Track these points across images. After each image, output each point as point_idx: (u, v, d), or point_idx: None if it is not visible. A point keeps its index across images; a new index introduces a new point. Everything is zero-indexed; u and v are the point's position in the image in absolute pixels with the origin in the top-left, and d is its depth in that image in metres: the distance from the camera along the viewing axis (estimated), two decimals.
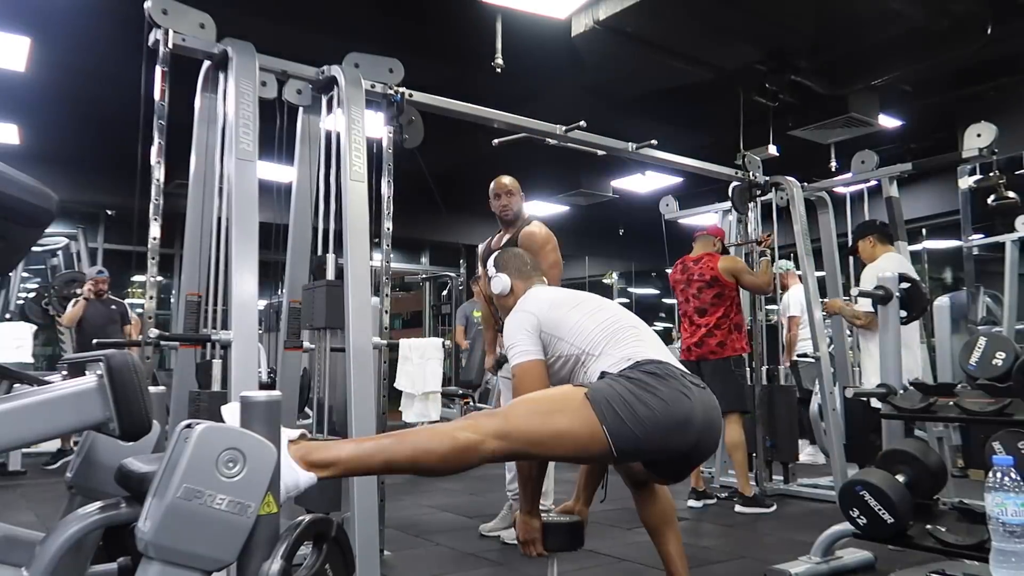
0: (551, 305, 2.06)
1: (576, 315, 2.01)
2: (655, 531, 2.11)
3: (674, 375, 1.82)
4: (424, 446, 1.62)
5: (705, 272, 4.19)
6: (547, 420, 1.72)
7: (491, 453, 1.66)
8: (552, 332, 1.99)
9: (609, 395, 1.74)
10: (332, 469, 1.53)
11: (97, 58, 5.27)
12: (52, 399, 1.23)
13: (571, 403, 1.74)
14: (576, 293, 2.18)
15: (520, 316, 2.06)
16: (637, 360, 1.84)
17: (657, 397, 1.75)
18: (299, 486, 1.46)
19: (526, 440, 1.70)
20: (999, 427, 2.24)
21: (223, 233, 2.70)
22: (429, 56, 5.03)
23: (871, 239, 4.11)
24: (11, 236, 1.20)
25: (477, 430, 1.65)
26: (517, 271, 2.28)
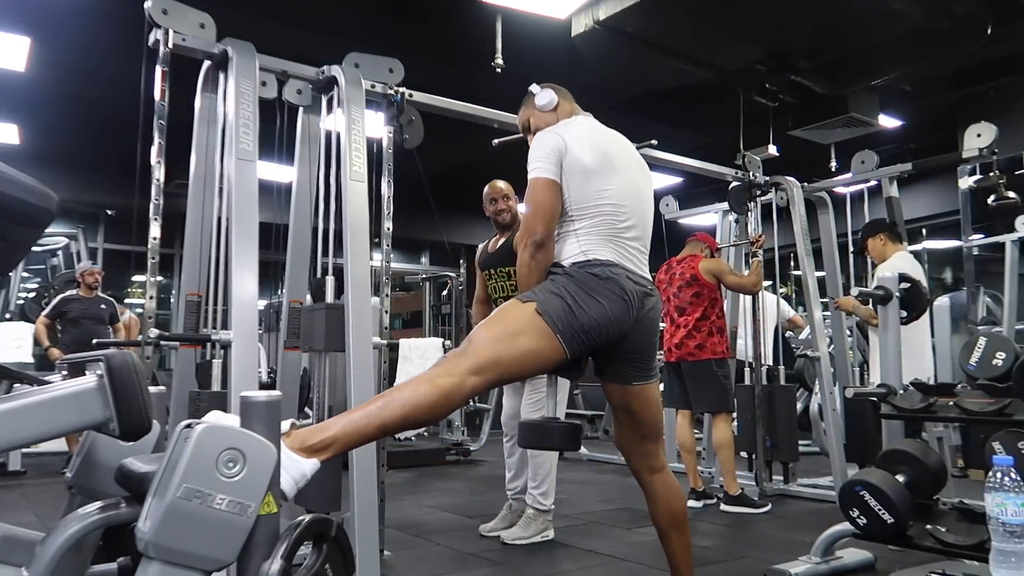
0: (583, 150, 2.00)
1: (595, 180, 2.00)
2: (663, 531, 2.09)
3: (619, 276, 1.93)
4: (412, 401, 1.68)
5: (686, 271, 4.21)
6: (511, 344, 1.82)
7: (472, 388, 1.76)
8: (566, 174, 1.99)
9: (556, 304, 1.86)
10: (331, 449, 1.55)
11: (97, 58, 5.27)
12: (52, 399, 1.22)
13: (527, 322, 1.84)
14: (617, 161, 2.07)
15: (554, 138, 2.02)
16: (589, 259, 1.95)
17: (597, 301, 1.88)
18: (306, 475, 1.48)
19: (499, 367, 1.80)
20: (999, 427, 2.24)
21: (223, 233, 2.70)
22: (429, 56, 5.03)
23: (882, 237, 4.11)
24: (11, 236, 1.20)
25: (453, 371, 1.74)
26: (561, 93, 2.25)
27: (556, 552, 3.21)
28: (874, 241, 4.13)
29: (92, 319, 5.72)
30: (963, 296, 5.60)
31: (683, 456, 4.35)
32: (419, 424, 1.77)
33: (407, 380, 1.82)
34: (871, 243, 4.15)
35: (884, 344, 2.85)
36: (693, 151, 4.57)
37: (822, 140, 6.23)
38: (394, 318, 8.70)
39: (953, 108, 6.41)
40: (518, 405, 3.49)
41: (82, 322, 5.65)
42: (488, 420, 6.74)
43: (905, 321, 2.92)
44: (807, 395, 6.27)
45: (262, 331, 5.03)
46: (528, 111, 2.30)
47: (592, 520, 3.87)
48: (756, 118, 5.77)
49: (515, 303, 1.92)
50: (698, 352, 4.13)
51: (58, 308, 5.69)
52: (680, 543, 2.09)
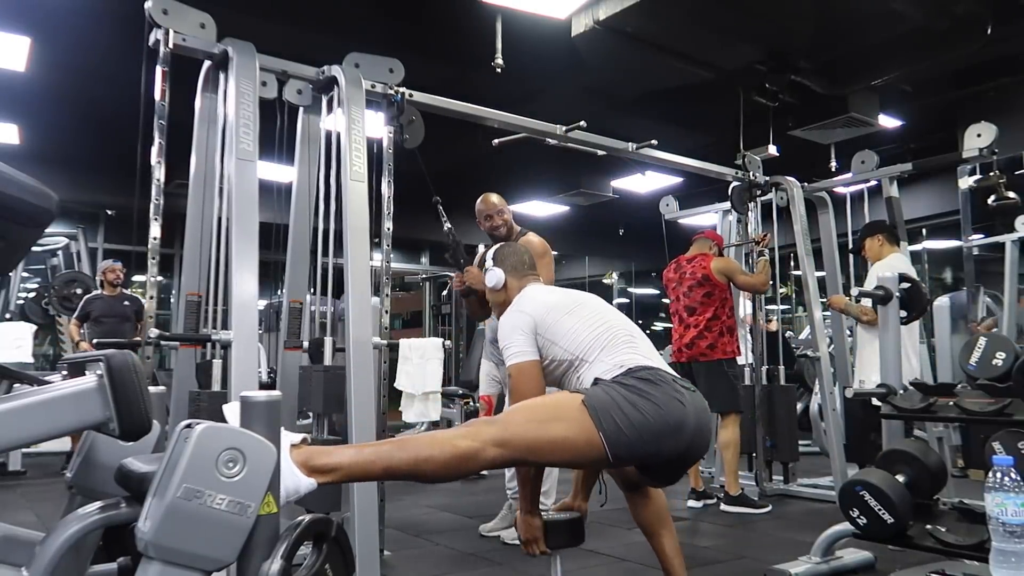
0: (547, 309, 2.06)
1: (571, 321, 2.02)
2: (650, 531, 2.12)
3: (666, 380, 1.85)
4: (425, 453, 1.63)
5: (696, 271, 4.19)
6: (545, 428, 1.74)
7: (490, 460, 1.68)
8: (547, 336, 2.01)
9: (605, 402, 1.77)
10: (333, 475, 1.54)
11: (97, 58, 5.27)
12: (52, 399, 1.23)
13: (568, 410, 1.77)
14: (572, 295, 2.17)
15: (517, 316, 2.06)
16: (630, 367, 1.87)
17: (651, 402, 1.77)
18: (299, 491, 1.48)
19: (524, 447, 1.72)
20: (999, 427, 2.24)
21: (223, 233, 2.70)
22: (429, 56, 5.03)
23: (880, 238, 4.10)
24: (11, 236, 1.20)
25: (476, 438, 1.67)
26: (513, 268, 2.28)
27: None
28: (871, 241, 4.13)
29: (115, 317, 5.73)
30: (963, 296, 5.60)
31: None
32: (425, 479, 1.70)
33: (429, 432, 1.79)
34: (868, 243, 4.15)
35: (884, 344, 2.85)
36: (693, 151, 4.57)
37: (822, 140, 6.23)
38: (394, 318, 8.70)
39: (953, 108, 6.40)
40: None
41: (105, 321, 5.67)
42: None
43: (905, 321, 2.92)
44: (807, 395, 6.27)
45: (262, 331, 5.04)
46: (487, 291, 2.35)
47: (592, 520, 3.84)
48: (756, 118, 5.76)
49: (565, 393, 1.90)
50: (710, 352, 4.12)
51: (84, 308, 5.75)
52: (668, 538, 2.11)
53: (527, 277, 2.28)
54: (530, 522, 2.00)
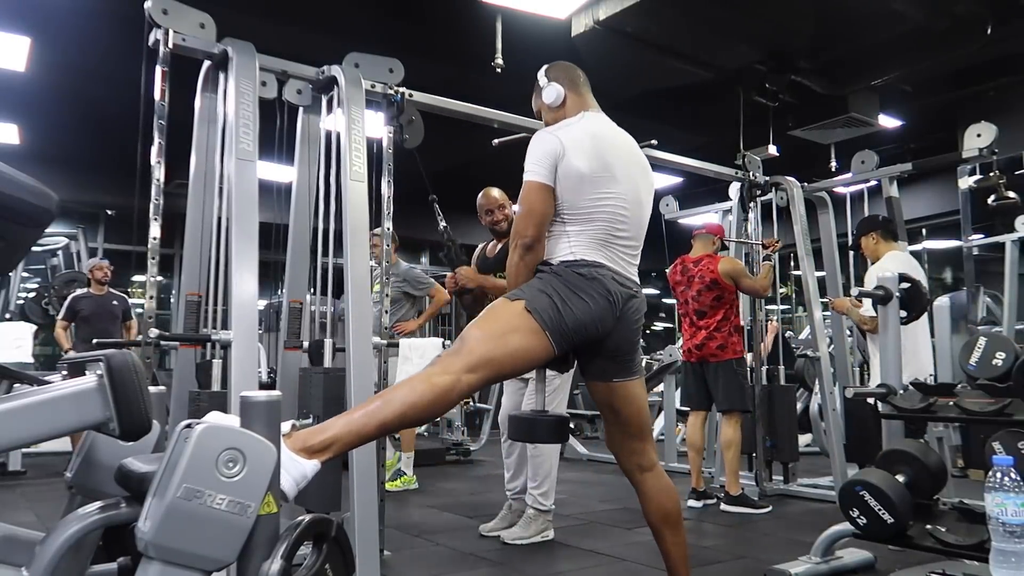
0: (583, 160, 2.00)
1: (586, 187, 2.00)
2: (658, 530, 2.10)
3: (604, 277, 1.96)
4: (410, 399, 1.71)
5: (705, 274, 4.17)
6: (502, 342, 1.86)
7: (468, 386, 1.80)
8: (561, 179, 2.00)
9: (544, 302, 1.90)
10: (332, 449, 1.57)
11: (97, 58, 5.27)
12: (52, 399, 1.22)
13: (516, 319, 1.88)
14: (616, 166, 2.06)
15: (552, 140, 2.02)
16: (576, 259, 1.98)
17: (583, 300, 1.92)
18: (306, 476, 1.50)
19: (491, 365, 1.84)
20: (999, 427, 2.24)
21: (223, 233, 2.70)
22: (429, 56, 5.03)
23: (874, 235, 4.07)
24: (11, 236, 1.20)
25: (449, 370, 1.78)
26: (571, 83, 2.23)
27: (556, 552, 3.21)
28: (866, 240, 4.10)
29: (104, 316, 5.69)
30: (963, 296, 5.60)
31: (690, 455, 4.33)
32: (418, 422, 1.81)
33: (405, 379, 1.83)
34: (864, 242, 4.12)
35: (884, 344, 2.85)
36: (693, 151, 4.57)
37: (822, 140, 6.24)
38: None
39: (953, 108, 6.41)
40: (517, 404, 3.49)
41: (93, 319, 5.63)
42: (488, 420, 6.74)
43: (905, 321, 2.92)
44: (807, 395, 6.27)
45: (262, 331, 5.04)
46: (539, 101, 2.30)
47: (592, 520, 3.87)
48: (756, 118, 5.77)
49: (504, 301, 1.96)
50: (720, 353, 4.13)
51: (71, 307, 5.69)
52: (675, 541, 2.09)
53: (585, 97, 2.24)
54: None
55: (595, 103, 2.26)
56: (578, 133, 2.07)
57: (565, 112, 2.20)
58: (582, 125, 2.11)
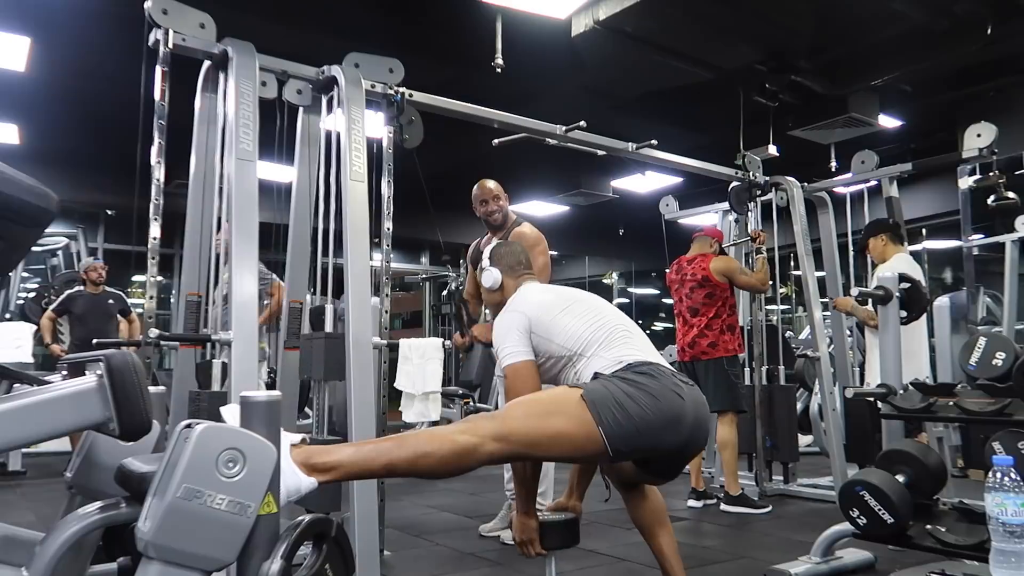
0: (541, 308, 2.06)
1: (566, 318, 2.03)
2: (648, 531, 2.12)
3: (664, 374, 1.87)
4: (424, 449, 1.64)
5: (697, 272, 4.20)
6: (544, 422, 1.75)
7: (489, 455, 1.69)
8: (542, 334, 2.01)
9: (603, 395, 1.78)
10: (333, 473, 1.55)
11: (97, 58, 5.27)
12: (52, 399, 1.23)
13: (567, 404, 1.77)
14: (567, 293, 2.17)
15: (511, 316, 2.06)
16: (628, 362, 1.88)
17: (649, 395, 1.79)
18: (300, 491, 1.48)
19: (524, 442, 1.73)
20: (999, 427, 2.24)
21: (223, 233, 2.70)
22: (429, 56, 5.03)
23: (883, 237, 4.11)
24: (11, 236, 1.20)
25: (476, 433, 1.68)
26: (509, 268, 2.29)
27: (556, 552, 3.20)
28: (875, 241, 4.13)
29: (99, 315, 5.67)
30: (963, 296, 5.60)
31: None
32: (425, 475, 1.71)
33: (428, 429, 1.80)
34: (872, 243, 4.15)
35: (884, 344, 2.85)
36: (693, 151, 4.57)
37: (822, 140, 6.23)
38: (394, 318, 8.70)
39: (953, 108, 6.40)
40: None
41: (89, 318, 5.61)
42: None
43: (905, 321, 2.92)
44: (807, 395, 6.27)
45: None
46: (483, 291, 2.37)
47: (592, 520, 3.87)
48: (756, 118, 5.77)
49: (564, 388, 1.89)
50: (711, 351, 4.13)
51: (65, 304, 5.66)
52: (666, 538, 2.10)
53: (523, 276, 2.28)
54: (526, 523, 2.00)
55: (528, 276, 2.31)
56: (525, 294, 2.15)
57: (503, 294, 2.25)
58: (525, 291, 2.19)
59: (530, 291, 2.19)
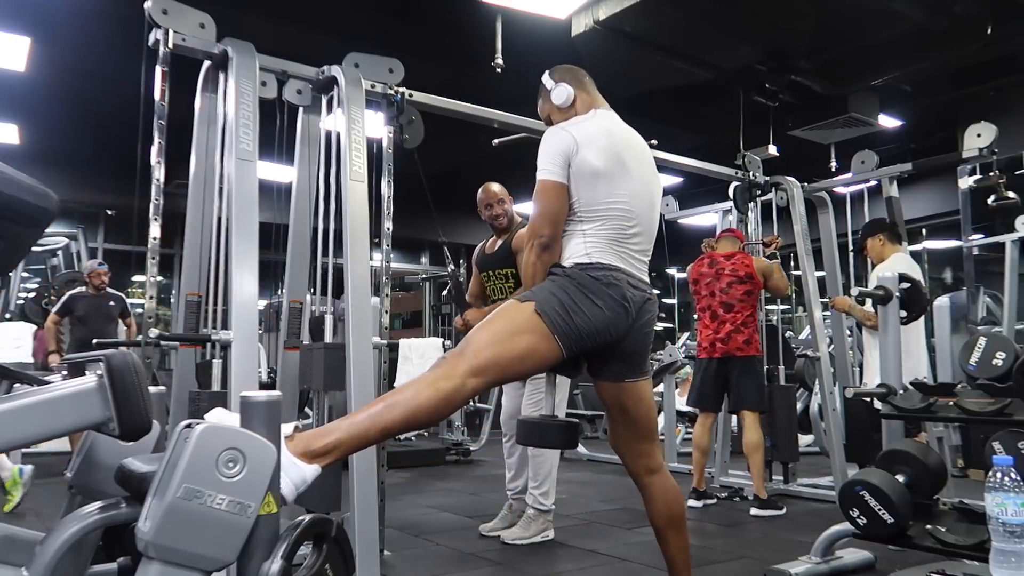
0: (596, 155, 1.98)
1: (600, 182, 1.98)
2: (661, 532, 2.08)
3: (619, 282, 1.93)
4: (413, 404, 1.69)
5: (739, 268, 4.14)
6: (510, 345, 1.83)
7: (473, 389, 1.78)
8: (575, 176, 1.98)
9: (553, 304, 1.87)
10: (334, 453, 1.56)
11: (97, 58, 5.27)
12: (52, 399, 1.23)
13: (525, 322, 1.85)
14: (627, 166, 2.04)
15: (565, 139, 2.00)
16: (591, 262, 1.95)
17: (596, 306, 1.89)
18: (306, 480, 1.48)
19: (496, 368, 1.81)
20: (999, 427, 2.24)
21: (223, 233, 2.70)
22: (429, 56, 5.03)
23: (881, 237, 4.10)
24: (11, 236, 1.20)
25: (454, 375, 1.75)
26: (578, 83, 2.21)
27: (556, 552, 3.21)
28: (873, 241, 4.13)
29: (100, 316, 5.67)
30: (963, 296, 5.60)
31: (695, 456, 4.28)
32: (421, 426, 1.79)
33: (408, 382, 1.82)
34: (870, 243, 4.15)
35: (884, 344, 2.85)
36: (693, 151, 4.57)
37: (822, 140, 6.23)
38: (394, 318, 8.70)
39: (953, 108, 6.40)
40: (518, 405, 3.49)
41: (90, 320, 5.61)
42: (488, 420, 6.74)
43: (905, 321, 2.92)
44: (807, 395, 6.27)
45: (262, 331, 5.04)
46: (547, 105, 2.27)
47: (592, 520, 3.87)
48: (756, 118, 5.77)
49: (514, 303, 1.93)
50: (747, 348, 4.09)
51: (67, 305, 5.66)
52: (678, 544, 2.07)
53: (593, 95, 2.21)
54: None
55: (604, 101, 2.25)
56: (591, 129, 2.05)
57: (576, 111, 2.18)
58: (595, 121, 2.10)
59: (600, 127, 2.07)
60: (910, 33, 4.91)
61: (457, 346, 1.88)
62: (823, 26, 5.00)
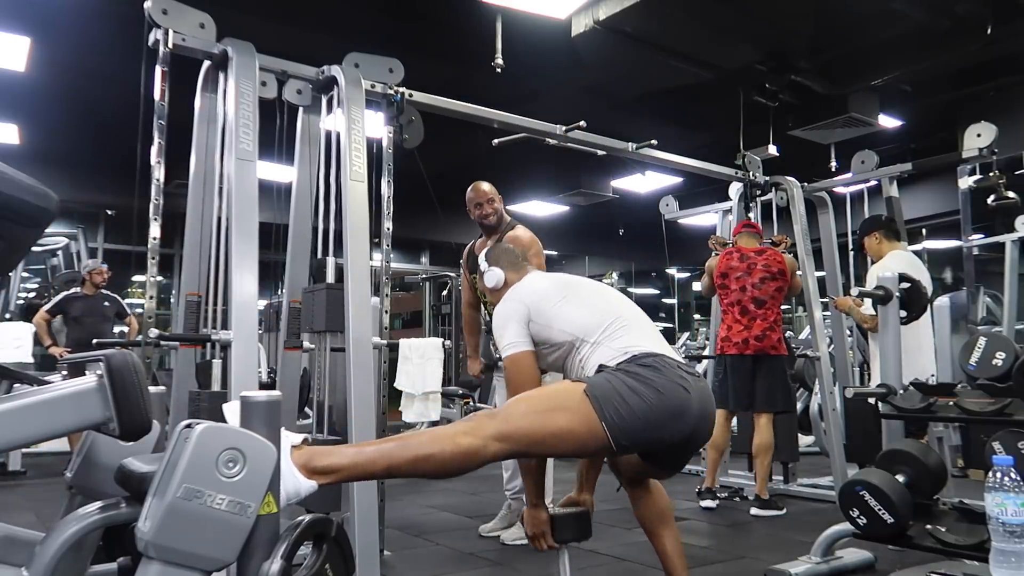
0: (540, 295, 2.03)
1: (567, 306, 2.00)
2: (651, 530, 2.11)
3: (670, 366, 1.84)
4: (426, 451, 1.62)
5: (772, 264, 4.09)
6: (547, 419, 1.73)
7: (493, 455, 1.68)
8: (541, 321, 1.99)
9: (606, 389, 1.76)
10: (334, 476, 1.54)
11: (97, 58, 5.27)
12: (52, 399, 1.23)
13: (570, 400, 1.75)
14: (566, 279, 2.13)
15: (510, 306, 2.04)
16: (633, 353, 1.85)
17: (653, 389, 1.76)
18: (300, 493, 1.48)
19: (527, 440, 1.71)
20: (999, 427, 2.24)
21: (223, 233, 2.70)
22: (429, 56, 5.03)
23: (877, 235, 4.07)
24: (11, 236, 1.20)
25: (478, 434, 1.66)
26: (510, 264, 2.26)
27: (555, 552, 3.20)
28: (870, 240, 4.10)
29: (95, 317, 5.67)
30: (963, 296, 5.60)
31: (711, 456, 4.22)
32: (428, 476, 1.70)
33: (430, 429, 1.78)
34: (867, 242, 4.13)
35: (884, 344, 2.85)
36: (693, 151, 4.57)
37: (822, 140, 6.24)
38: (394, 318, 8.70)
39: (953, 108, 6.41)
40: None
41: (85, 320, 5.60)
42: None
43: (904, 321, 2.92)
44: (807, 395, 6.27)
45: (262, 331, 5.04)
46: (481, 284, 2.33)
47: (592, 519, 3.86)
48: (756, 118, 5.77)
49: (566, 383, 1.88)
50: (780, 347, 4.04)
51: (60, 305, 5.65)
52: (670, 539, 2.09)
53: (524, 269, 2.26)
54: (536, 515, 1.97)
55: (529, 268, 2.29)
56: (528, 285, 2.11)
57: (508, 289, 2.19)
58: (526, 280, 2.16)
59: (529, 280, 2.16)
60: (910, 33, 4.91)
61: (496, 408, 1.84)
62: (823, 26, 5.00)
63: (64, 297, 5.72)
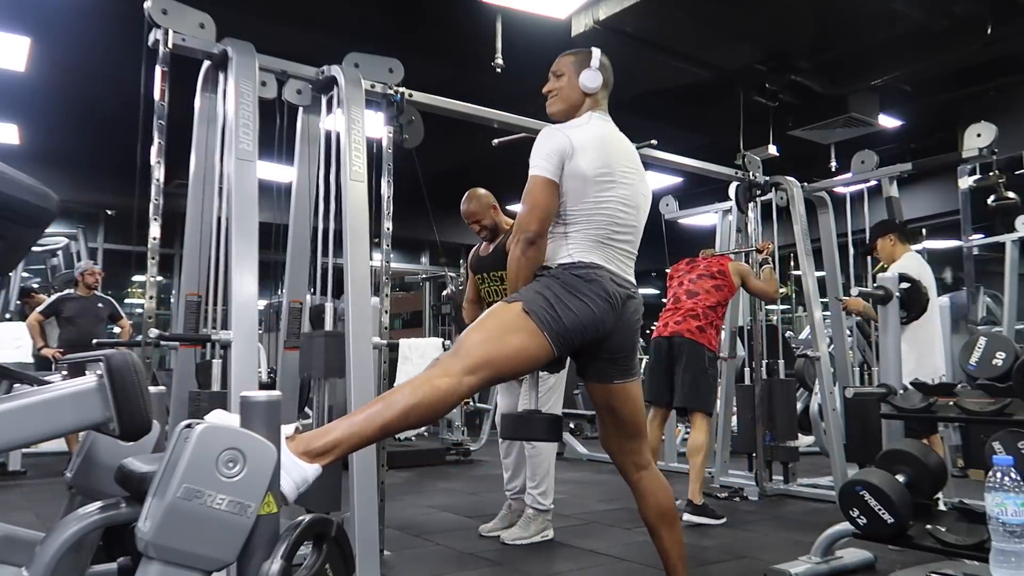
0: (587, 155, 2.02)
1: (594, 192, 2.02)
2: (654, 529, 2.11)
3: (602, 278, 1.97)
4: (412, 402, 1.72)
5: (713, 265, 4.13)
6: (501, 343, 1.87)
7: (469, 387, 1.82)
8: (566, 178, 2.01)
9: (541, 303, 1.91)
10: (334, 452, 1.58)
11: (97, 58, 5.28)
12: (52, 399, 1.23)
13: (515, 321, 1.90)
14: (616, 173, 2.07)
15: (562, 140, 2.03)
16: (575, 261, 1.99)
17: (583, 301, 1.93)
18: (307, 480, 1.50)
19: (491, 367, 1.85)
20: (999, 427, 2.24)
21: (223, 233, 2.70)
22: (429, 56, 5.03)
23: (892, 238, 4.07)
24: (11, 236, 1.20)
25: (449, 373, 1.79)
26: (606, 84, 2.24)
27: (555, 552, 3.21)
28: (883, 241, 4.10)
29: (89, 318, 5.65)
30: (963, 296, 5.60)
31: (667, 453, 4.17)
32: (419, 423, 1.82)
33: (405, 382, 1.84)
34: (880, 243, 4.12)
35: (884, 344, 2.86)
36: (693, 151, 4.57)
37: (822, 140, 6.24)
38: (394, 318, 8.70)
39: (953, 108, 6.41)
40: (513, 404, 3.49)
41: (79, 321, 5.59)
42: (488, 420, 6.74)
43: (905, 321, 2.92)
44: (807, 395, 6.27)
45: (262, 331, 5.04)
46: (567, 66, 2.25)
47: (592, 520, 3.87)
48: (756, 118, 5.77)
49: (503, 304, 1.98)
50: (697, 334, 3.92)
51: (54, 306, 5.64)
52: (672, 539, 2.10)
53: (600, 108, 2.23)
54: None
55: (605, 106, 2.27)
56: (586, 134, 2.09)
57: (583, 106, 2.21)
58: (590, 127, 2.13)
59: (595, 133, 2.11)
60: (910, 33, 4.92)
61: (451, 347, 1.89)
62: (823, 26, 5.01)
63: (58, 298, 5.72)
